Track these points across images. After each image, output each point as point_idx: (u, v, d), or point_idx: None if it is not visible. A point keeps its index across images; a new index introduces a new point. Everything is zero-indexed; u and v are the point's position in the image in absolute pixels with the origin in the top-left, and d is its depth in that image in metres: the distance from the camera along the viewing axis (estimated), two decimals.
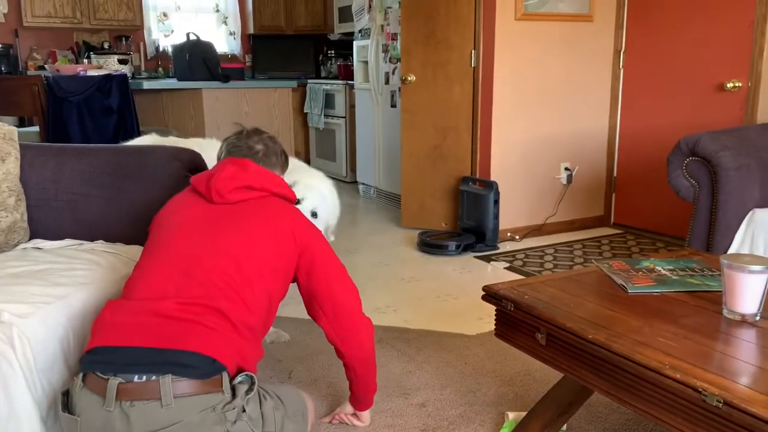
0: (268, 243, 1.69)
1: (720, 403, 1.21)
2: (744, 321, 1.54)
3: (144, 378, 1.43)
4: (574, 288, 1.81)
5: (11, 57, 6.13)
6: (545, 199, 4.48)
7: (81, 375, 1.48)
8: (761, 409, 1.16)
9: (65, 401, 1.51)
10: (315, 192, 2.43)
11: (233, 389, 1.53)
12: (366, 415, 2.03)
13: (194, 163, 2.34)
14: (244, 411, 1.52)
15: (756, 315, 1.54)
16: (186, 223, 1.72)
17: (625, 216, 4.66)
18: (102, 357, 1.48)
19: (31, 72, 6.06)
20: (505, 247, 4.15)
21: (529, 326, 1.69)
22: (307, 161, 7.25)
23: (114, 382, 1.42)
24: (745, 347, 1.44)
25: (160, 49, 7.06)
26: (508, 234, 4.29)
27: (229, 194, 1.73)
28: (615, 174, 4.67)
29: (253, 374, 1.60)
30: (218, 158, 1.94)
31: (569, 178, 4.51)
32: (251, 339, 1.61)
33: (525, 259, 3.89)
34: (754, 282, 1.51)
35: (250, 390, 1.56)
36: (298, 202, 2.31)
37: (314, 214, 2.39)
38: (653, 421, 1.41)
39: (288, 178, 2.11)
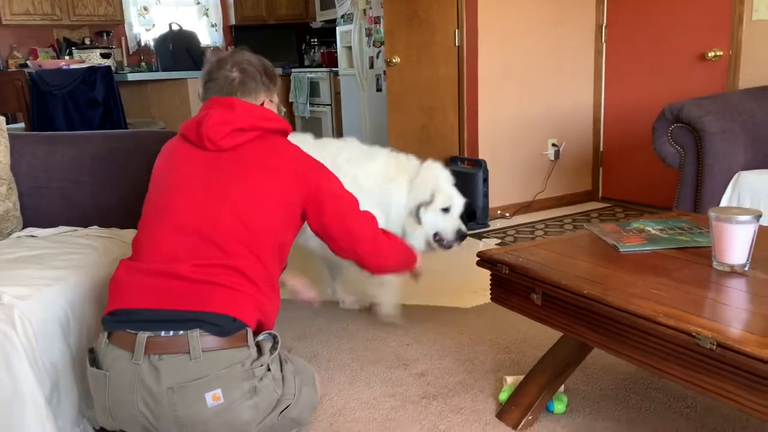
0: (273, 194, 1.65)
1: (713, 345, 1.24)
2: (734, 271, 1.57)
3: (171, 333, 1.46)
4: (566, 250, 1.84)
5: None
6: (534, 175, 4.51)
7: (106, 333, 1.51)
8: (754, 348, 1.19)
9: (92, 358, 1.54)
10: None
11: (258, 346, 1.56)
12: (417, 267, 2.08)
13: None
14: (269, 370, 1.55)
15: (745, 265, 1.57)
16: (186, 177, 1.66)
17: (612, 189, 4.71)
18: (126, 317, 1.50)
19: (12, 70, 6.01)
20: (495, 224, 4.18)
21: (524, 288, 1.72)
22: None
23: (143, 336, 1.45)
24: (735, 294, 1.47)
25: (142, 43, 7.01)
26: (498, 211, 4.33)
27: (221, 140, 1.64)
28: (602, 148, 4.71)
29: (275, 333, 1.62)
30: (199, 94, 1.85)
31: (557, 153, 4.55)
32: (270, 293, 1.62)
33: (516, 235, 3.92)
34: (742, 232, 1.55)
35: (273, 348, 1.60)
36: None
37: None
38: (648, 370, 1.44)
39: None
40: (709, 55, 3.84)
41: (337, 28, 5.98)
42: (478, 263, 1.86)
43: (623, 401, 1.97)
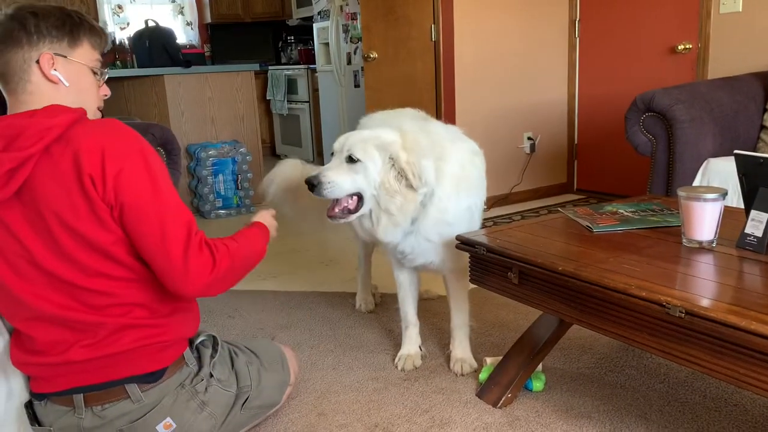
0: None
1: (682, 313, 1.30)
2: (702, 247, 1.63)
3: (107, 388, 1.46)
4: (541, 231, 1.90)
5: None
6: (510, 168, 4.58)
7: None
8: (720, 314, 1.25)
9: (31, 414, 1.53)
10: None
11: (198, 350, 1.58)
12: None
13: (166, 137, 2.36)
14: (212, 376, 1.57)
15: (713, 241, 1.63)
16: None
17: (587, 181, 4.79)
18: (54, 394, 1.48)
19: None
20: None
21: (501, 267, 1.77)
22: (273, 148, 7.26)
23: (79, 396, 1.46)
24: (704, 268, 1.53)
25: (117, 42, 6.98)
26: None
27: None
28: (576, 141, 4.80)
29: (214, 334, 1.63)
30: None
31: (532, 147, 4.62)
32: (171, 308, 1.51)
33: (493, 227, 3.97)
34: (710, 210, 1.61)
35: (214, 351, 1.61)
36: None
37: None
38: (622, 341, 1.49)
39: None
40: (679, 48, 3.93)
41: (313, 25, 6.02)
42: (458, 246, 1.90)
43: (599, 379, 2.02)
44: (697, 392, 1.91)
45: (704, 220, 1.62)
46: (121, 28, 7.03)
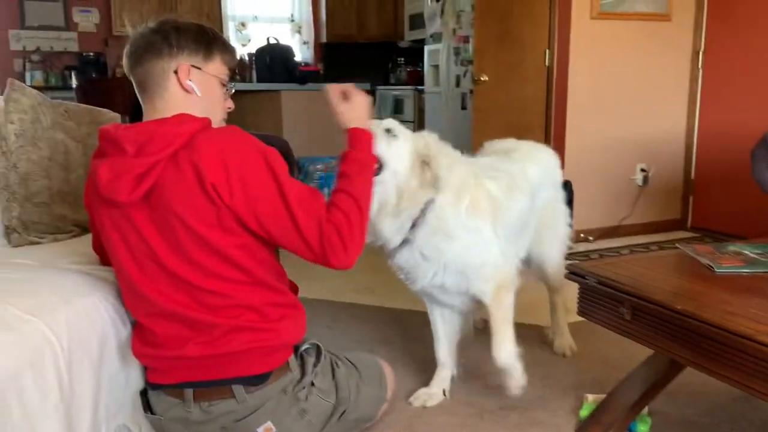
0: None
1: None
2: None
3: (215, 386, 1.52)
4: (658, 266, 1.82)
5: (100, 64, 6.52)
6: (620, 200, 4.42)
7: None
8: None
9: (145, 402, 1.63)
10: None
11: (302, 358, 1.61)
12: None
13: (284, 149, 2.45)
14: (313, 385, 1.60)
15: None
16: (126, 250, 1.52)
17: (703, 219, 4.54)
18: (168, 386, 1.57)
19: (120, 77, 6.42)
20: (578, 247, 4.11)
21: (612, 301, 1.70)
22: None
23: (189, 390, 1.53)
24: None
25: (238, 57, 7.35)
26: (581, 235, 4.25)
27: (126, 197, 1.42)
28: (693, 176, 4.56)
29: (318, 343, 1.66)
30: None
31: (645, 179, 4.44)
32: (280, 312, 1.55)
33: (600, 260, 3.84)
34: None
35: (317, 360, 1.64)
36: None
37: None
38: (744, 390, 1.39)
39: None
40: None
41: (425, 47, 6.09)
42: (567, 276, 1.85)
43: (711, 428, 1.90)
44: None
45: None
46: (243, 45, 7.39)
